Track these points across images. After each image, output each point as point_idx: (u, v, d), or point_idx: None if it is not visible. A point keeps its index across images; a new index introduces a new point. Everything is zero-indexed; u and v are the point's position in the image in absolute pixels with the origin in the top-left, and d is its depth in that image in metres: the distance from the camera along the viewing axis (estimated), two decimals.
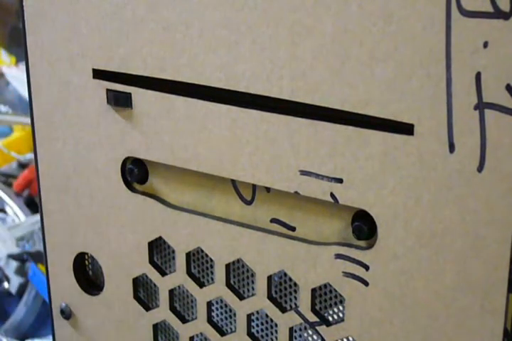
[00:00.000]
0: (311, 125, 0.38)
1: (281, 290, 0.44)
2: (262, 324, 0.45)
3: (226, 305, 0.46)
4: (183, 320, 0.47)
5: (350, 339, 0.41)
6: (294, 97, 0.38)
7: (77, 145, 0.47)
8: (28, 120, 0.49)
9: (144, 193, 0.46)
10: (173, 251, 0.46)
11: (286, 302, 0.44)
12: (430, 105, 0.35)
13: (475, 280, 0.36)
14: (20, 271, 1.01)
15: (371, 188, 0.37)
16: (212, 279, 0.46)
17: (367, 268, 0.39)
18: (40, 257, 0.98)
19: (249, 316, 0.44)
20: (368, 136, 0.37)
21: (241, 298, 0.44)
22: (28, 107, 0.49)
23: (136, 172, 0.46)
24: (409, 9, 0.34)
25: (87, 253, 0.50)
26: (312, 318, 0.42)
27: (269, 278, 0.43)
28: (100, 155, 0.46)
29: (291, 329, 0.43)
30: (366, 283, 0.39)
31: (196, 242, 0.44)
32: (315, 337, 0.43)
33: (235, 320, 0.46)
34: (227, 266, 0.44)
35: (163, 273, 0.47)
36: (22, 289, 1.01)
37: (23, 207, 1.16)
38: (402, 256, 0.38)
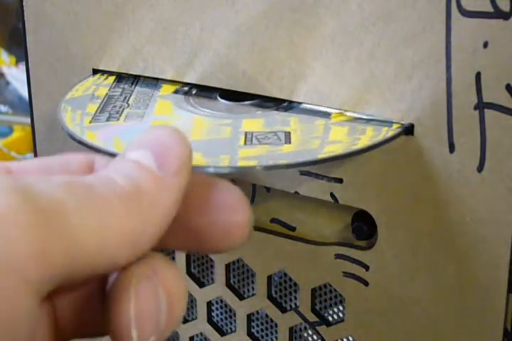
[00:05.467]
0: None
1: (281, 290, 0.44)
2: (262, 324, 0.45)
3: (226, 305, 0.46)
4: (183, 320, 0.47)
5: (350, 339, 0.41)
6: (294, 97, 0.38)
7: (77, 146, 0.47)
8: (28, 120, 0.49)
9: None
10: (174, 251, 0.46)
11: (286, 302, 0.44)
12: (430, 105, 0.35)
13: (475, 280, 0.36)
14: None
15: (371, 188, 0.37)
16: (212, 279, 0.46)
17: (367, 268, 0.39)
18: None
19: (249, 316, 0.44)
20: None
21: (241, 298, 0.44)
22: (28, 107, 0.49)
23: None
24: (409, 9, 0.34)
25: None
26: (312, 318, 0.42)
27: (269, 278, 0.43)
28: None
29: (291, 329, 0.43)
30: (366, 283, 0.39)
31: None
32: (315, 337, 0.43)
33: (235, 320, 0.46)
34: (227, 266, 0.44)
35: None
36: None
37: None
38: (402, 256, 0.38)
